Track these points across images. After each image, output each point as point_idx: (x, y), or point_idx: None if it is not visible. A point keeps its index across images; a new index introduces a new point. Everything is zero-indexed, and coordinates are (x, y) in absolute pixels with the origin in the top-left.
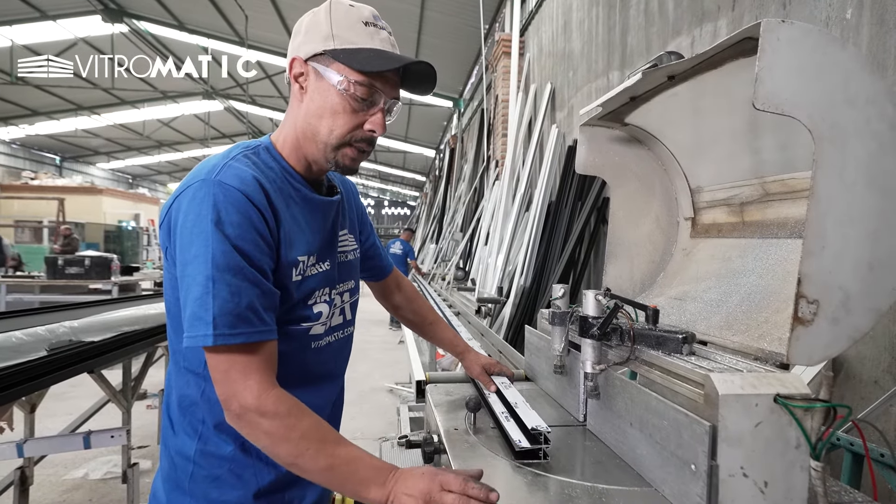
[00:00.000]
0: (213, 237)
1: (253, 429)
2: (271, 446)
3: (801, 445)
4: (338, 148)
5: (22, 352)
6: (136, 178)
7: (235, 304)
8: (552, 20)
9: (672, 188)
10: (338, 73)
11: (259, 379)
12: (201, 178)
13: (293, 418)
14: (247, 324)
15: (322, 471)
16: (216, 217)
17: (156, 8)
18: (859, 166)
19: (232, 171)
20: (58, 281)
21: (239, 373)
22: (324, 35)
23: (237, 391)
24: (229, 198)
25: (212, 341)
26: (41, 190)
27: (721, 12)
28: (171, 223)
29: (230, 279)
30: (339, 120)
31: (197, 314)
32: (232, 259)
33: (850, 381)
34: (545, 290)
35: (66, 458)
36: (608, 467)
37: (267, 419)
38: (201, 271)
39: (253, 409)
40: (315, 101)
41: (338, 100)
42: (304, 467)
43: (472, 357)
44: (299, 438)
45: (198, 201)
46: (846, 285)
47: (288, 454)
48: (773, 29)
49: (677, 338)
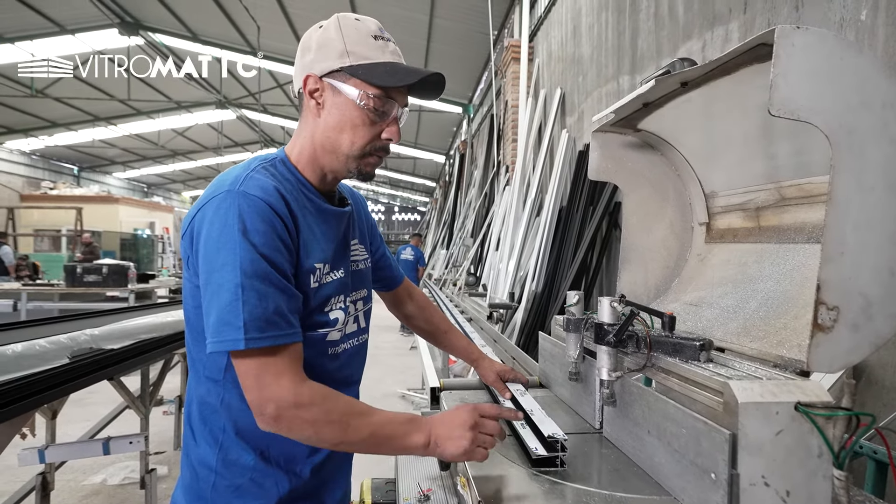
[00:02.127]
0: (241, 246)
1: (294, 423)
2: (316, 433)
3: (824, 454)
4: (360, 158)
5: (46, 359)
6: (151, 186)
7: (264, 309)
8: (561, 25)
9: (686, 193)
10: (356, 89)
11: (291, 377)
12: (225, 190)
13: (330, 402)
14: (275, 327)
15: (366, 439)
16: (242, 226)
17: (170, 20)
18: (877, 171)
19: (254, 182)
20: (76, 289)
21: (271, 375)
22: (338, 52)
23: (272, 393)
24: (254, 207)
25: (243, 345)
26: (60, 200)
27: (732, 15)
28: (193, 233)
29: (258, 285)
30: (359, 132)
31: (226, 319)
32: (259, 266)
33: (872, 388)
34: (557, 295)
35: (84, 463)
36: (626, 475)
37: (306, 409)
38: (230, 279)
39: (292, 404)
40: (334, 115)
41: (357, 113)
42: (350, 441)
43: (486, 364)
44: (340, 417)
45: (223, 211)
46: (866, 291)
47: (333, 435)
48: (787, 35)
49: (694, 345)
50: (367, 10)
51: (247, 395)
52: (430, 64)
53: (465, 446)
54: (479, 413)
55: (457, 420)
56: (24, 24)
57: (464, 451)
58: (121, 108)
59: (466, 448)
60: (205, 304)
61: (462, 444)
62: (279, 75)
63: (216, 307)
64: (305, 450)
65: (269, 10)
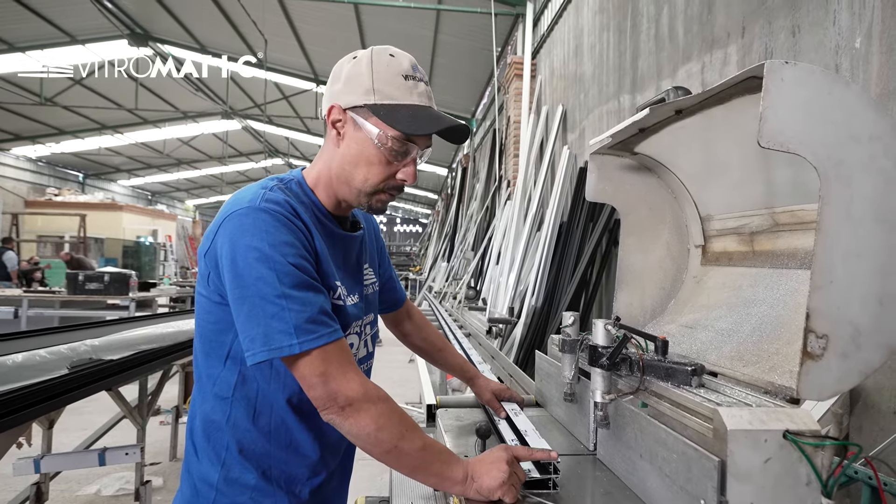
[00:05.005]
0: (273, 259)
1: (361, 417)
2: (377, 431)
3: (812, 482)
4: (372, 195)
5: (45, 370)
6: (156, 194)
7: (310, 313)
8: (563, 44)
9: (682, 216)
10: (376, 128)
11: (355, 371)
12: (245, 206)
13: (392, 402)
14: (324, 326)
15: (417, 451)
16: (271, 240)
17: (179, 32)
18: (866, 202)
19: (271, 198)
20: (77, 296)
21: (337, 370)
22: (365, 89)
23: (341, 386)
24: (277, 220)
25: (298, 349)
26: (64, 206)
27: (731, 39)
28: (217, 251)
29: (298, 294)
30: (373, 170)
31: (276, 328)
32: (295, 276)
33: (868, 412)
34: (557, 310)
35: (79, 473)
36: (618, 499)
37: (374, 404)
38: (270, 291)
39: (361, 397)
40: (352, 148)
41: (374, 151)
42: (403, 448)
43: (482, 382)
44: (399, 421)
45: (248, 227)
46: (856, 320)
47: (391, 437)
48: (776, 70)
49: (686, 370)
50: (373, 27)
51: (313, 392)
52: (435, 79)
53: (502, 478)
54: (512, 454)
55: (493, 456)
56: (36, 34)
57: (500, 483)
58: (128, 116)
59: (504, 480)
60: (242, 319)
61: (500, 476)
62: (285, 87)
63: (262, 318)
64: (306, 471)
65: (277, 24)
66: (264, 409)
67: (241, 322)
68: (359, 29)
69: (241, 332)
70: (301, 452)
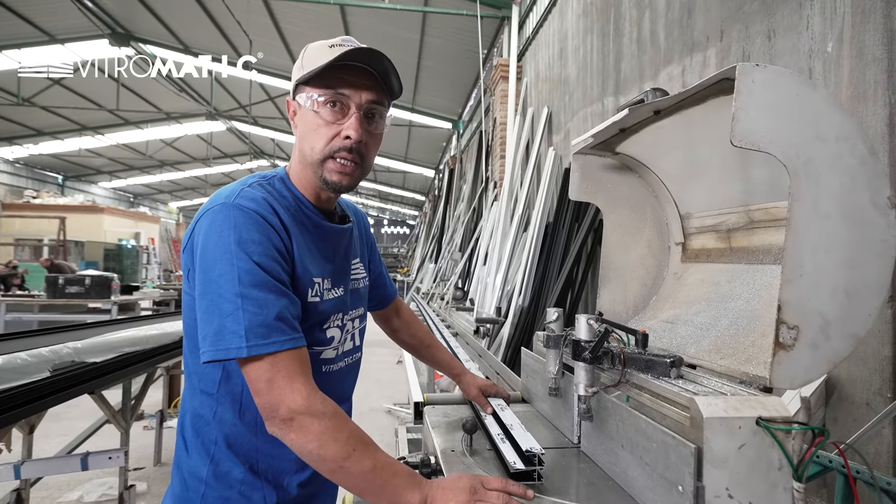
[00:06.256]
0: (237, 256)
1: (303, 432)
2: (319, 448)
3: (784, 467)
4: (322, 163)
5: (26, 373)
6: (138, 196)
7: (265, 316)
8: (549, 47)
9: (663, 214)
10: (306, 95)
11: (304, 382)
12: (220, 203)
13: (339, 419)
14: (279, 332)
15: (366, 472)
16: (237, 237)
17: (162, 32)
18: (832, 199)
19: (248, 195)
20: (58, 300)
21: (284, 379)
22: (297, 69)
23: (285, 396)
24: (248, 218)
25: (245, 352)
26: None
27: (710, 43)
28: (193, 246)
29: (257, 294)
30: (316, 135)
31: (227, 328)
32: (257, 275)
33: (843, 403)
34: (543, 309)
35: (60, 479)
36: (601, 489)
37: (317, 420)
38: (228, 289)
39: (303, 410)
40: (300, 128)
41: (312, 118)
42: (349, 469)
43: (468, 379)
44: (346, 439)
45: (218, 223)
46: (825, 312)
47: (336, 455)
48: (748, 72)
49: (665, 362)
50: (359, 28)
51: (258, 399)
52: (421, 81)
53: None
54: (481, 482)
55: (458, 484)
56: (12, 33)
57: None
58: (109, 117)
59: None
60: (201, 314)
61: None
62: (270, 88)
63: (216, 316)
64: (293, 465)
65: (262, 25)
66: (250, 403)
67: (200, 318)
68: (345, 30)
69: (199, 329)
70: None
